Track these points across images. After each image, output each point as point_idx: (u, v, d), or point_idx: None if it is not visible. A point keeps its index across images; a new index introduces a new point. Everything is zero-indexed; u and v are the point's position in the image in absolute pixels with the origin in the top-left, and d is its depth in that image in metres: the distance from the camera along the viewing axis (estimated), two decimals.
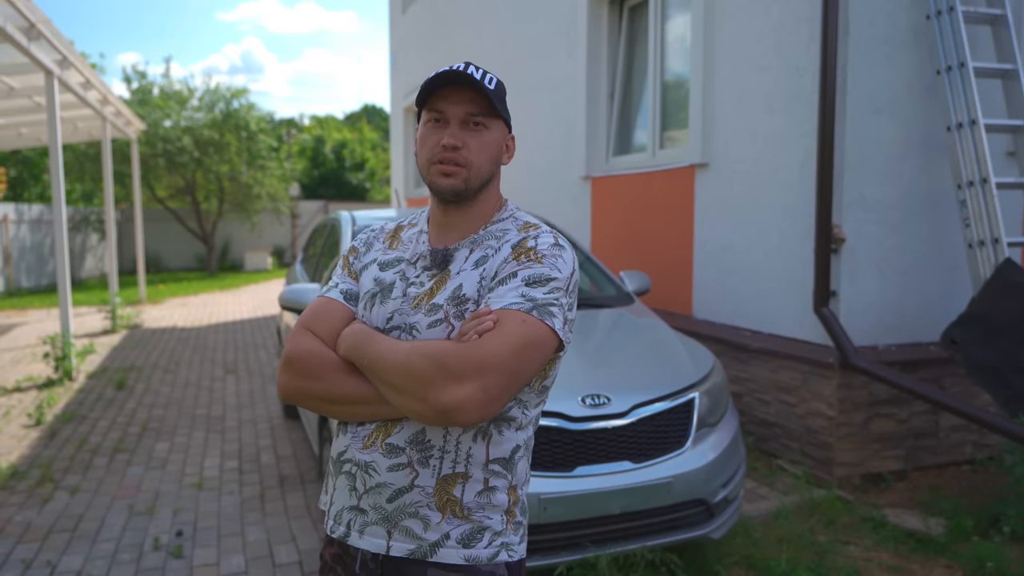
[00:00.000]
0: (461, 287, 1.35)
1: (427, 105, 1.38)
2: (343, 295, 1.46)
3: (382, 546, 1.34)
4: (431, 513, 1.32)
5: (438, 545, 1.32)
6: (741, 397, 4.62)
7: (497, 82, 1.39)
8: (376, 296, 1.41)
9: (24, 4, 5.76)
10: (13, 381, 6.98)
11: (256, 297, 14.31)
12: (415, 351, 1.25)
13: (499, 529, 1.35)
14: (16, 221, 15.84)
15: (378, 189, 31.15)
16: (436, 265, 1.39)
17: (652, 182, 5.48)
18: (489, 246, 1.38)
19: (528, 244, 1.35)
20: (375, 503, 1.34)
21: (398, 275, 1.42)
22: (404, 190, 12.32)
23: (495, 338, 1.22)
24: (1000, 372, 3.46)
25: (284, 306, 3.77)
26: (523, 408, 1.37)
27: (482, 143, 1.36)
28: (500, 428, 1.34)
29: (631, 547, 2.83)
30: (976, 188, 3.66)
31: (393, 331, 1.36)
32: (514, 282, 1.30)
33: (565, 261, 1.34)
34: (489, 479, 1.34)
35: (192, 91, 20.03)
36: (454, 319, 1.32)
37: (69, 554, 3.43)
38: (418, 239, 1.45)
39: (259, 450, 4.89)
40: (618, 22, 6.20)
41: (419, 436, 1.32)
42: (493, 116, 1.37)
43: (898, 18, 3.92)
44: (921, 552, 3.30)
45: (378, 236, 1.53)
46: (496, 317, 1.25)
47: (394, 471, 1.32)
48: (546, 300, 1.28)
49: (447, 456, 1.32)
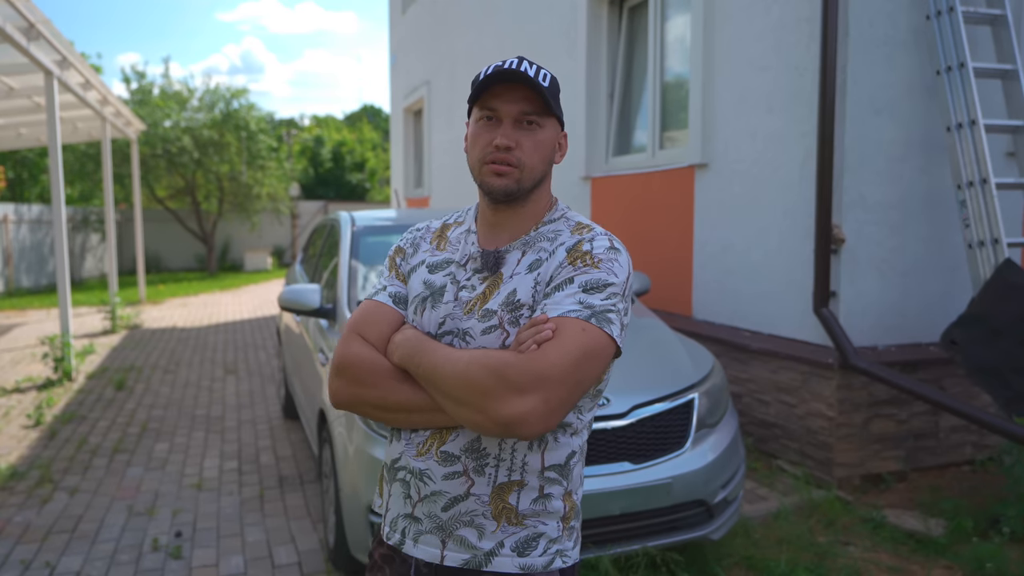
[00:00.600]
0: (515, 292, 1.31)
1: (479, 102, 1.33)
2: (392, 298, 1.42)
3: (436, 555, 1.32)
4: (486, 522, 1.29)
5: (492, 554, 1.29)
6: (741, 398, 4.61)
7: (551, 78, 1.34)
8: (427, 300, 1.38)
9: (24, 4, 5.76)
10: (13, 381, 6.98)
11: (256, 297, 14.31)
12: (474, 361, 1.22)
13: (554, 536, 1.33)
14: (16, 221, 15.84)
15: (378, 189, 31.14)
16: (487, 268, 1.35)
17: (652, 182, 5.48)
18: (542, 248, 1.34)
19: (584, 248, 1.31)
20: (430, 511, 1.32)
21: (448, 278, 1.38)
22: (404, 190, 12.31)
23: (555, 348, 1.20)
24: (1000, 373, 3.45)
25: (283, 307, 3.77)
26: (578, 413, 1.34)
27: (535, 142, 1.32)
28: (556, 435, 1.32)
29: (631, 548, 2.83)
30: (976, 188, 3.66)
31: (445, 336, 1.33)
32: (571, 288, 1.26)
33: (621, 265, 1.30)
34: (544, 486, 1.31)
35: (192, 91, 20.04)
36: (509, 325, 1.29)
37: (68, 555, 3.43)
38: (466, 239, 1.42)
39: (259, 450, 4.88)
40: (618, 22, 6.19)
41: (474, 444, 1.29)
42: (547, 114, 1.33)
43: (898, 18, 3.92)
44: (921, 553, 3.30)
45: (424, 236, 1.49)
46: (554, 326, 1.22)
47: (449, 479, 1.30)
48: (604, 307, 1.25)
49: (503, 464, 1.29)
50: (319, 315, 3.73)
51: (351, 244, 3.99)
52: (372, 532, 2.80)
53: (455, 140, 9.65)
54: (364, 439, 2.84)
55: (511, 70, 1.28)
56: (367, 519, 2.79)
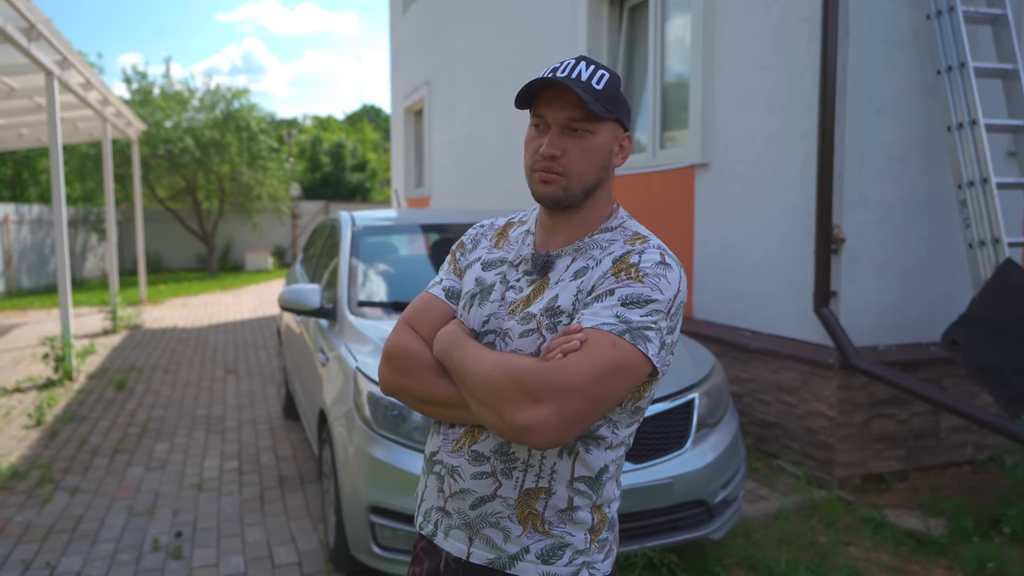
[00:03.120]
0: (557, 298, 1.29)
1: (532, 108, 1.32)
2: (445, 292, 1.44)
3: (463, 551, 1.32)
4: (512, 525, 1.29)
5: (517, 558, 1.29)
6: (741, 397, 4.61)
7: (608, 79, 1.29)
8: (475, 297, 1.38)
9: (24, 4, 5.76)
10: (13, 381, 6.98)
11: (256, 297, 14.31)
12: (497, 365, 1.22)
13: (581, 548, 1.30)
14: (17, 222, 15.86)
15: (379, 190, 31.15)
16: (536, 271, 1.35)
17: (652, 182, 5.48)
18: (591, 256, 1.31)
19: (631, 260, 1.26)
20: (459, 508, 1.33)
21: (499, 277, 1.38)
22: (404, 190, 12.31)
23: (579, 360, 1.17)
24: (1001, 372, 3.45)
25: (284, 307, 3.77)
26: (613, 428, 1.30)
27: (584, 149, 1.28)
28: (588, 447, 1.29)
29: (631, 548, 2.83)
30: (976, 188, 3.66)
31: (488, 335, 1.34)
32: (610, 300, 1.23)
33: (669, 282, 1.25)
34: (573, 497, 1.29)
35: (193, 92, 20.05)
36: (546, 331, 1.28)
37: (68, 555, 3.43)
38: (524, 240, 1.41)
39: (259, 451, 4.88)
40: (618, 22, 6.19)
41: (504, 447, 1.29)
42: (597, 120, 1.28)
43: (898, 18, 3.92)
44: (922, 553, 3.30)
45: (486, 233, 1.49)
46: (585, 336, 1.19)
47: (478, 479, 1.30)
48: (642, 323, 1.21)
49: (531, 470, 1.28)
50: (319, 315, 3.73)
51: (351, 244, 3.99)
52: (373, 532, 2.80)
53: (456, 140, 9.64)
54: (364, 439, 2.84)
55: (552, 78, 1.26)
56: (367, 519, 2.79)
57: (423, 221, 4.78)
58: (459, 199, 9.51)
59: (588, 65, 1.29)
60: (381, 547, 2.79)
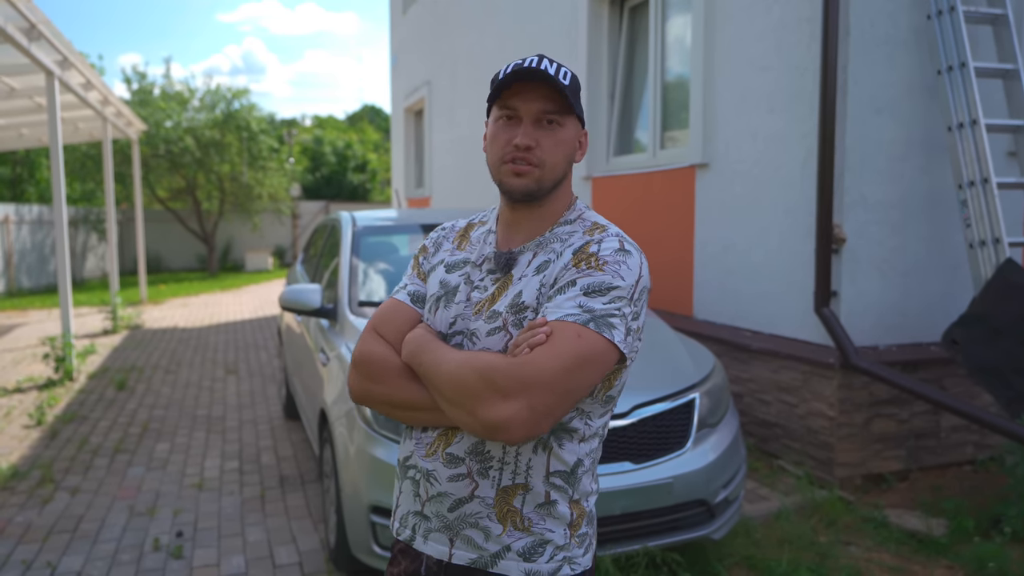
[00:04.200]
0: (521, 294, 1.30)
1: (498, 102, 1.32)
2: (410, 297, 1.45)
3: (445, 553, 1.33)
4: (492, 524, 1.29)
5: (499, 556, 1.29)
6: (742, 397, 4.61)
7: (572, 76, 1.32)
8: (440, 300, 1.39)
9: (25, 5, 5.76)
10: (14, 382, 6.98)
11: (257, 298, 14.31)
12: (465, 364, 1.23)
13: (561, 543, 1.31)
14: (17, 222, 15.85)
15: (379, 190, 31.15)
16: (499, 269, 1.36)
17: (653, 182, 5.48)
18: (552, 250, 1.33)
19: (590, 249, 1.28)
20: (437, 511, 1.33)
21: (463, 278, 1.39)
22: (404, 190, 12.31)
23: (545, 353, 1.18)
24: (1001, 372, 3.45)
25: (284, 307, 3.77)
26: (586, 419, 1.31)
27: (556, 141, 1.31)
28: (561, 440, 1.30)
29: (633, 547, 2.83)
30: (977, 188, 3.66)
31: (455, 336, 1.34)
32: (572, 291, 1.24)
33: (629, 268, 1.26)
34: (550, 492, 1.30)
35: (193, 92, 20.04)
36: (512, 327, 1.28)
37: (69, 555, 3.43)
38: (485, 239, 1.42)
39: (259, 450, 4.88)
40: (619, 22, 6.19)
41: (478, 447, 1.29)
42: (568, 113, 1.31)
43: (899, 18, 3.92)
44: (922, 553, 3.30)
45: (448, 235, 1.50)
46: (550, 329, 1.20)
47: (454, 481, 1.31)
48: (606, 311, 1.22)
49: (507, 468, 1.29)
50: (320, 315, 3.73)
51: (352, 244, 4.00)
52: (374, 532, 2.80)
53: (456, 140, 9.64)
54: (365, 439, 2.84)
55: (531, 68, 1.27)
56: (368, 519, 2.79)
57: (423, 221, 4.78)
58: (459, 199, 9.51)
59: (551, 62, 1.31)
60: (382, 547, 2.79)
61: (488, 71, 8.41)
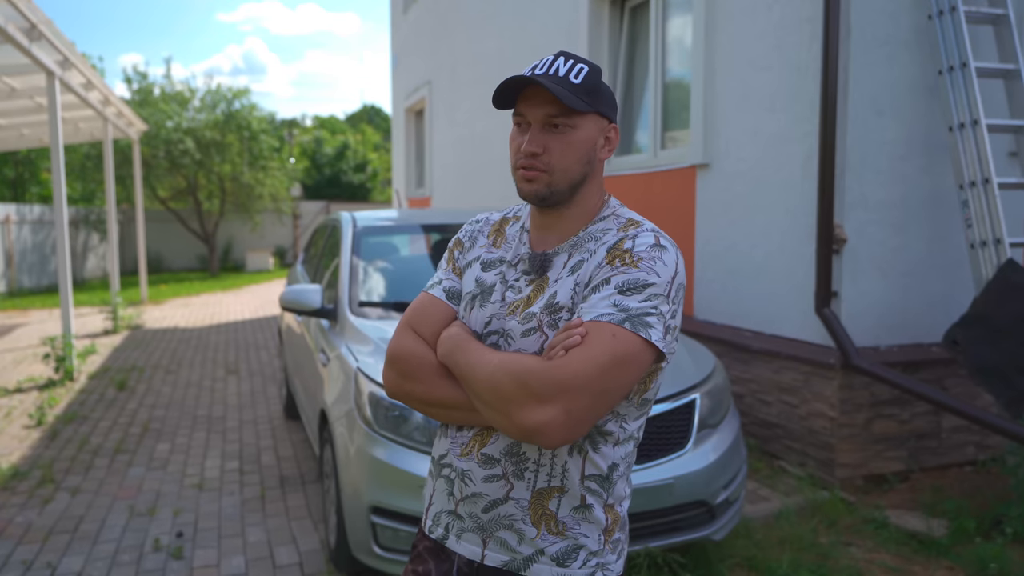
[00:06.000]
0: (556, 295, 1.28)
1: (515, 106, 1.32)
2: (446, 293, 1.42)
3: (477, 553, 1.32)
4: (526, 527, 1.28)
5: (532, 560, 1.28)
6: (743, 398, 4.61)
7: (587, 73, 1.28)
8: (476, 298, 1.37)
9: (25, 5, 5.77)
10: (14, 382, 6.99)
11: (257, 297, 14.31)
12: (500, 367, 1.21)
13: (595, 549, 1.30)
14: (18, 222, 15.86)
15: (380, 190, 31.15)
16: (534, 271, 1.34)
17: (653, 182, 5.47)
18: (587, 249, 1.31)
19: (624, 246, 1.25)
20: (471, 511, 1.32)
21: (499, 277, 1.37)
22: (405, 190, 12.31)
23: (581, 355, 1.16)
24: (1002, 373, 3.45)
25: (285, 307, 3.77)
26: (621, 422, 1.29)
27: (565, 144, 1.28)
28: (596, 444, 1.28)
29: (633, 548, 2.82)
30: (978, 188, 3.65)
31: (491, 336, 1.33)
32: (607, 289, 1.21)
33: (665, 263, 1.23)
34: (585, 496, 1.28)
35: (193, 92, 20.05)
36: (548, 328, 1.27)
37: (69, 555, 3.43)
38: (520, 238, 1.40)
39: (260, 451, 4.88)
40: (619, 22, 6.19)
41: (514, 448, 1.28)
42: (579, 114, 1.27)
43: (900, 18, 3.91)
44: (923, 553, 3.29)
45: (483, 229, 1.48)
46: (585, 330, 1.18)
47: (489, 482, 1.30)
48: (642, 309, 1.19)
49: (542, 469, 1.27)
50: (320, 315, 3.73)
51: (352, 244, 3.99)
52: (374, 532, 2.80)
53: (457, 140, 9.64)
54: (365, 439, 2.84)
55: (526, 76, 1.26)
56: (368, 519, 2.79)
57: (424, 221, 4.78)
58: (460, 199, 9.51)
59: (567, 60, 1.29)
60: (382, 547, 2.79)
61: (488, 71, 8.41)
